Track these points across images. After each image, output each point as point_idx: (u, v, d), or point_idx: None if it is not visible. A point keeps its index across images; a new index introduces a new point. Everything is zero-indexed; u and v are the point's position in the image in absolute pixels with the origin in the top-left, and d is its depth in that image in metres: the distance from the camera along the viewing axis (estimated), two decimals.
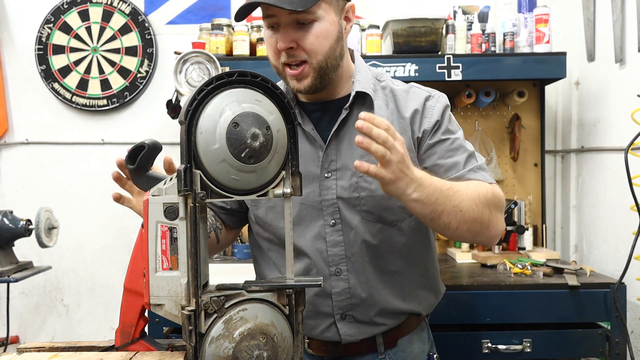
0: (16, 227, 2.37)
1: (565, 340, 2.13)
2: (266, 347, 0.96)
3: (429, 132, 1.35)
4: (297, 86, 1.30)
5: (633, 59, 2.30)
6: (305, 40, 1.26)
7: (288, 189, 1.00)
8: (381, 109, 1.37)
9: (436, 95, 1.40)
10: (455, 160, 1.34)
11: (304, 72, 1.28)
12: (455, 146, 1.35)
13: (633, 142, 1.90)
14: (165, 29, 3.06)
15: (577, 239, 2.83)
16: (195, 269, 0.94)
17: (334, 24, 1.28)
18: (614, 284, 2.08)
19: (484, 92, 2.67)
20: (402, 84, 1.42)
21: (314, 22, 1.26)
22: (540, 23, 2.49)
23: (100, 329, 3.09)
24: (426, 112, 1.36)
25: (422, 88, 1.41)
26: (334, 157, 1.34)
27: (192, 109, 0.93)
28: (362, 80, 1.38)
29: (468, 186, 1.26)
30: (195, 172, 0.93)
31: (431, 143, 1.35)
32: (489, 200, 1.27)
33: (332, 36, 1.28)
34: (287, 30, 1.26)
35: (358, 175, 1.32)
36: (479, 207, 1.24)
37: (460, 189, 1.23)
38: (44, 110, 3.08)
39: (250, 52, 2.61)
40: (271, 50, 1.31)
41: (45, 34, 3.04)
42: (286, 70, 1.30)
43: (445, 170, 1.33)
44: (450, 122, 1.38)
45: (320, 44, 1.27)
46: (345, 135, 1.35)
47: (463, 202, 1.22)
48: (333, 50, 1.29)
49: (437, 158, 1.34)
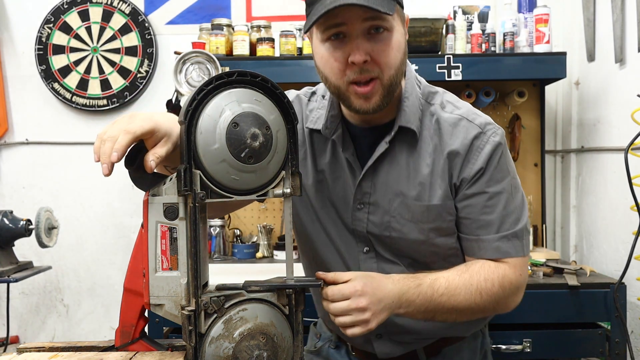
0: (16, 227, 2.36)
1: (565, 340, 2.13)
2: (266, 347, 0.96)
3: (467, 181, 1.20)
4: (364, 106, 1.14)
5: (633, 59, 2.30)
6: (380, 53, 1.10)
7: (288, 189, 1.00)
8: (426, 141, 1.22)
9: (489, 131, 1.21)
10: (490, 219, 1.20)
11: (374, 90, 1.13)
12: (493, 202, 1.20)
13: (633, 142, 1.90)
14: (165, 29, 3.06)
15: (577, 239, 2.83)
16: (195, 269, 0.94)
17: (402, 35, 1.15)
18: (614, 284, 2.08)
19: (484, 92, 2.67)
20: (452, 113, 1.24)
21: (387, 31, 1.11)
22: (540, 23, 2.49)
23: (100, 329, 3.09)
24: (470, 155, 1.19)
25: (475, 121, 1.22)
26: (368, 190, 1.25)
27: (192, 109, 0.93)
28: (409, 108, 1.22)
29: (471, 280, 1.17)
30: (195, 172, 0.93)
31: (468, 194, 1.20)
32: (495, 294, 1.18)
33: (403, 49, 1.15)
34: (360, 41, 1.10)
35: (391, 214, 1.23)
36: (480, 305, 1.17)
37: (456, 291, 1.15)
38: (44, 110, 3.08)
39: (250, 52, 2.61)
40: (335, 66, 1.13)
41: (45, 34, 3.04)
42: (353, 89, 1.13)
43: (476, 227, 1.21)
44: (498, 167, 1.20)
45: (395, 57, 1.12)
46: (382, 169, 1.23)
47: (460, 304, 1.15)
48: (402, 65, 1.16)
49: (471, 212, 1.21)
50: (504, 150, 1.22)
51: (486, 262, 1.21)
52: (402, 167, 1.22)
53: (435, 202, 1.20)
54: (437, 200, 1.20)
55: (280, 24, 2.81)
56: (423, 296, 1.13)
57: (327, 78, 1.17)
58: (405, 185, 1.22)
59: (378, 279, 1.12)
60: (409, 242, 1.24)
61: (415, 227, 1.22)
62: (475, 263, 1.21)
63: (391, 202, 1.23)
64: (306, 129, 1.31)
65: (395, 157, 1.23)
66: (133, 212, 3.05)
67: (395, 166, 1.23)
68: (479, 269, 1.19)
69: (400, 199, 1.22)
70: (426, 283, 1.15)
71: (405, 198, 1.22)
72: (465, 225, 1.22)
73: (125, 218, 3.05)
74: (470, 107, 1.27)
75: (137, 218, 3.02)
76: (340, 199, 1.28)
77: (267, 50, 2.57)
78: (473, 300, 1.16)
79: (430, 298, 1.14)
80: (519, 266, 1.22)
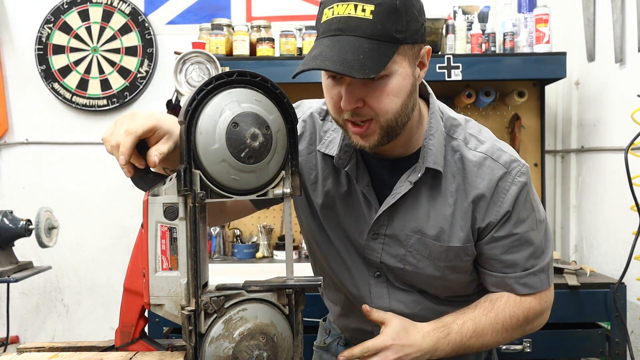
0: (16, 227, 2.37)
1: (565, 340, 2.13)
2: (266, 347, 0.96)
3: (494, 225, 1.17)
4: (361, 143, 1.11)
5: (633, 59, 2.30)
6: (374, 99, 1.06)
7: (288, 189, 1.00)
8: (448, 180, 1.18)
9: (514, 170, 1.17)
10: (515, 258, 1.19)
11: (370, 130, 1.09)
12: (520, 242, 1.18)
13: (633, 142, 1.90)
14: (165, 29, 3.06)
15: (577, 239, 2.83)
16: (195, 269, 0.94)
17: (407, 77, 1.08)
18: (614, 284, 2.08)
19: (484, 92, 2.67)
20: (476, 150, 1.19)
21: (386, 77, 1.05)
22: (540, 23, 2.49)
23: (100, 329, 3.09)
24: (496, 197, 1.16)
25: (500, 159, 1.17)
26: (385, 223, 1.21)
27: (191, 109, 0.92)
28: (435, 147, 1.17)
29: (497, 319, 1.20)
30: (195, 172, 0.92)
31: (496, 237, 1.18)
32: (521, 327, 1.22)
33: (405, 92, 1.08)
34: (353, 88, 1.06)
35: (407, 249, 1.21)
36: (507, 338, 1.22)
37: (484, 332, 1.19)
38: (44, 110, 3.08)
39: (250, 52, 2.61)
40: (332, 103, 1.11)
41: (45, 34, 3.04)
42: (349, 126, 1.11)
43: (503, 267, 1.20)
44: (524, 207, 1.18)
45: (391, 102, 1.06)
46: (401, 206, 1.20)
47: (488, 343, 1.20)
48: (405, 107, 1.09)
49: (498, 253, 1.19)
50: (529, 189, 1.19)
51: (512, 297, 1.22)
52: (423, 205, 1.19)
53: (455, 244, 1.19)
54: (457, 242, 1.19)
55: (280, 24, 2.81)
56: (452, 344, 1.17)
57: (329, 111, 1.15)
58: (425, 224, 1.19)
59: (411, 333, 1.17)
60: (423, 276, 1.23)
61: (432, 264, 1.21)
62: (500, 299, 1.22)
63: (409, 237, 1.21)
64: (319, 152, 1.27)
65: (416, 193, 1.19)
66: (133, 212, 3.05)
67: (414, 202, 1.19)
68: (504, 305, 1.21)
69: (418, 237, 1.20)
70: (454, 330, 1.18)
71: (423, 236, 1.20)
72: (491, 265, 1.22)
73: (125, 218, 3.05)
74: (495, 141, 1.22)
75: (137, 218, 3.02)
76: (353, 228, 1.26)
77: (267, 50, 2.57)
78: (501, 337, 1.20)
79: (459, 344, 1.18)
80: (545, 297, 1.24)
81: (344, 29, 1.02)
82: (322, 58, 1.01)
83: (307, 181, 1.29)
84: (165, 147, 0.97)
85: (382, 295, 1.27)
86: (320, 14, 1.08)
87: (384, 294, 1.27)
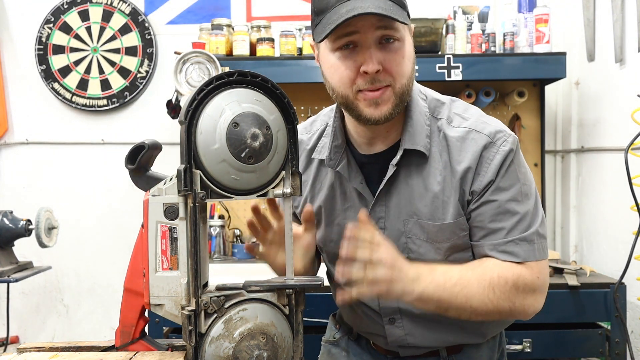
0: (16, 227, 2.36)
1: (565, 340, 2.13)
2: (266, 347, 0.96)
3: (478, 193, 1.18)
4: (374, 114, 1.13)
5: (633, 59, 2.30)
6: (392, 62, 1.10)
7: (288, 189, 1.00)
8: (435, 159, 1.21)
9: (499, 140, 1.18)
10: (499, 226, 1.18)
11: (385, 96, 1.12)
12: (503, 209, 1.18)
13: (633, 142, 1.90)
14: (165, 29, 3.06)
15: (577, 239, 2.83)
16: (195, 269, 0.94)
17: (411, 45, 1.16)
18: (614, 284, 2.08)
19: (484, 92, 2.67)
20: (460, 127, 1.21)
21: (400, 41, 1.12)
22: (540, 23, 2.49)
23: (100, 329, 3.09)
24: (481, 167, 1.17)
25: (485, 130, 1.19)
26: (382, 215, 1.24)
27: (192, 109, 0.93)
28: (414, 128, 1.20)
29: (484, 275, 1.14)
30: (195, 172, 0.93)
31: (478, 204, 1.19)
32: (509, 291, 1.15)
33: (413, 59, 1.16)
34: (373, 50, 1.10)
35: (407, 235, 1.23)
36: (494, 301, 1.14)
37: (469, 283, 1.13)
38: (44, 110, 3.09)
39: (250, 52, 2.61)
40: (345, 75, 1.12)
41: (45, 34, 3.04)
42: (362, 95, 1.13)
43: (486, 235, 1.20)
44: (507, 176, 1.18)
45: (406, 66, 1.12)
46: (394, 192, 1.22)
47: (473, 298, 1.13)
48: (412, 75, 1.16)
49: (481, 220, 1.19)
50: (515, 158, 1.19)
51: (500, 261, 1.18)
52: (413, 186, 1.21)
53: (449, 220, 1.20)
54: (450, 219, 1.20)
55: (280, 24, 2.81)
56: (436, 283, 1.11)
57: (335, 88, 1.16)
58: (418, 205, 1.21)
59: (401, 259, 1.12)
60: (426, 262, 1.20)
61: (432, 247, 1.22)
62: (489, 260, 1.19)
63: (406, 223, 1.22)
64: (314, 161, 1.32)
65: (406, 177, 1.22)
66: (133, 212, 3.04)
67: (406, 186, 1.22)
68: (493, 265, 1.17)
69: (414, 220, 1.21)
70: (439, 271, 1.13)
71: (419, 218, 1.21)
72: (475, 234, 1.21)
73: (125, 218, 3.05)
74: (480, 115, 1.24)
75: (137, 218, 3.01)
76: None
77: (267, 50, 2.57)
78: (486, 295, 1.13)
79: (443, 285, 1.12)
80: (537, 269, 1.19)
81: None
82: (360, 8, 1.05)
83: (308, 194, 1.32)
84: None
85: None
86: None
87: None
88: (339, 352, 1.44)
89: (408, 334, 1.29)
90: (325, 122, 1.33)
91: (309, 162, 1.33)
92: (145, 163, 1.06)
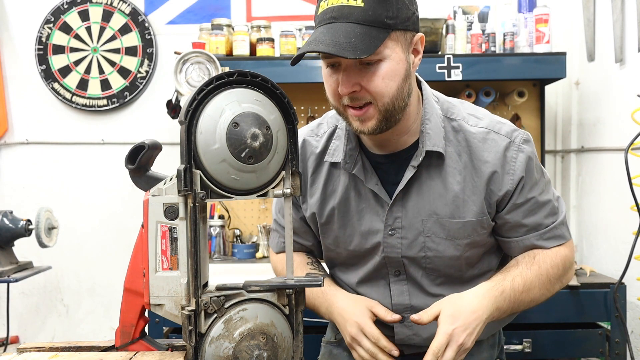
0: (16, 227, 2.36)
1: (565, 340, 2.13)
2: (266, 347, 0.96)
3: (512, 192, 1.23)
4: (360, 128, 1.17)
5: (633, 59, 2.30)
6: (370, 83, 1.13)
7: (288, 189, 1.00)
8: (453, 159, 1.24)
9: (517, 139, 1.24)
10: (537, 220, 1.26)
11: (368, 114, 1.15)
12: (538, 204, 1.26)
13: (633, 142, 1.90)
14: (165, 29, 3.06)
15: (577, 239, 2.83)
16: (195, 269, 0.94)
17: (401, 62, 1.14)
18: (614, 284, 2.08)
19: (484, 92, 2.67)
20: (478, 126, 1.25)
21: (379, 61, 1.12)
22: (540, 23, 2.49)
23: (100, 329, 3.09)
24: (507, 168, 1.22)
25: (502, 131, 1.24)
26: (399, 215, 1.26)
27: (192, 109, 0.93)
28: (433, 130, 1.23)
29: (540, 270, 1.23)
30: (195, 172, 0.93)
31: (517, 203, 1.24)
32: (561, 275, 1.27)
33: (399, 76, 1.14)
34: (350, 72, 1.13)
35: (425, 234, 1.26)
36: (551, 290, 1.26)
37: (532, 285, 1.22)
38: (44, 110, 3.08)
39: (250, 52, 2.61)
40: (331, 90, 1.18)
41: (45, 34, 3.04)
42: (348, 111, 1.17)
43: (527, 230, 1.27)
44: (536, 172, 1.25)
45: (387, 86, 1.13)
46: (412, 192, 1.25)
47: (536, 296, 1.23)
48: (400, 91, 1.15)
49: (520, 218, 1.26)
50: (534, 155, 1.26)
51: (547, 250, 1.27)
52: (432, 187, 1.24)
53: (470, 218, 1.24)
54: (472, 217, 1.24)
55: (280, 24, 2.81)
56: (509, 300, 1.19)
57: (329, 99, 1.21)
58: (438, 204, 1.24)
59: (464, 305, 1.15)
60: (445, 259, 1.27)
61: (452, 244, 1.26)
62: (538, 253, 1.26)
63: (424, 222, 1.25)
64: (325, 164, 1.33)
65: (425, 178, 1.24)
66: (133, 212, 3.04)
67: (425, 187, 1.24)
68: (544, 257, 1.26)
69: (434, 219, 1.24)
70: (508, 287, 1.20)
71: (439, 217, 1.24)
72: (516, 231, 1.27)
73: (125, 218, 3.05)
74: (492, 117, 1.29)
75: (137, 218, 3.00)
76: (367, 229, 1.29)
77: (267, 50, 2.57)
78: (546, 289, 1.24)
79: (514, 300, 1.20)
80: (572, 245, 1.31)
81: (338, 16, 1.09)
82: (316, 42, 1.09)
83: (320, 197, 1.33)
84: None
85: (402, 292, 1.31)
86: (317, 7, 1.15)
87: (404, 291, 1.31)
88: (340, 353, 1.44)
89: (415, 334, 1.32)
90: (333, 124, 1.35)
91: (319, 165, 1.34)
92: (145, 163, 1.06)
